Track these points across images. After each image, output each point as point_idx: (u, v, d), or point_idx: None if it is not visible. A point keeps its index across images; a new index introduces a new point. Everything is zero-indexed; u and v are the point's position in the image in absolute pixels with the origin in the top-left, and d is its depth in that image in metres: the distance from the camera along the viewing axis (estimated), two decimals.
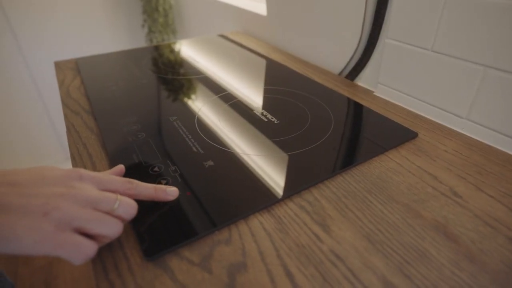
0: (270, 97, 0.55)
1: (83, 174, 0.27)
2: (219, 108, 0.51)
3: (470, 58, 0.41)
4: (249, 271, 0.27)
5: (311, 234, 0.30)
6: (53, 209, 0.23)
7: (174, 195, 0.33)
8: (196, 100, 0.54)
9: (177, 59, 0.72)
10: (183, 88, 0.58)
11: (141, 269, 0.27)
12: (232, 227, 0.31)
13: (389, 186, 0.36)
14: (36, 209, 0.23)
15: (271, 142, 0.43)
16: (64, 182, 0.26)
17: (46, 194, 0.24)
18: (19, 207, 0.23)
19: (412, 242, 0.29)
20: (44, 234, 0.22)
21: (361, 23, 0.56)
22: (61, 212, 0.23)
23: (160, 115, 0.49)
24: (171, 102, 0.53)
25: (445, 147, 0.42)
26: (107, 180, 0.28)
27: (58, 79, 0.63)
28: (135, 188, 0.30)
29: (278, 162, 0.39)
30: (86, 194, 0.25)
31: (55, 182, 0.25)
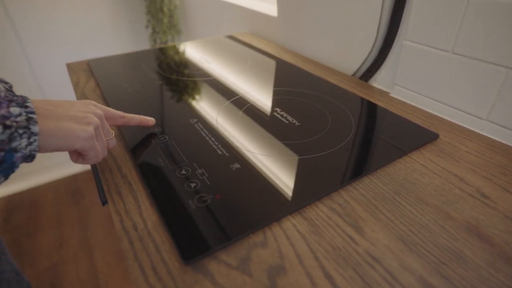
0: (287, 99, 0.55)
1: (95, 103, 0.37)
2: (239, 109, 0.51)
3: (492, 60, 0.41)
4: (288, 274, 0.27)
5: (345, 236, 0.31)
6: (91, 120, 0.34)
7: (154, 122, 0.45)
8: (215, 102, 0.54)
9: (190, 60, 0.72)
10: (199, 90, 0.58)
11: (181, 273, 0.27)
12: (266, 230, 0.31)
13: (416, 187, 0.36)
14: (82, 119, 0.33)
15: (296, 144, 0.43)
16: (86, 106, 0.35)
17: (82, 111, 0.34)
18: (71, 117, 0.32)
19: (446, 243, 0.30)
20: (90, 134, 0.33)
21: (376, 24, 0.57)
22: (95, 123, 0.34)
23: (180, 118, 0.49)
24: (189, 104, 0.53)
25: (467, 148, 0.43)
26: (109, 109, 0.39)
27: (72, 81, 0.63)
28: (127, 117, 0.41)
29: (305, 164, 0.39)
30: (100, 113, 0.36)
31: (82, 105, 0.35)
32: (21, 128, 0.27)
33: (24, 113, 0.28)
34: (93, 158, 0.34)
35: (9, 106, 0.27)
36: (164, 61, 0.71)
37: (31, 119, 0.28)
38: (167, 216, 0.32)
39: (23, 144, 0.27)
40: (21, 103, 0.28)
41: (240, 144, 0.43)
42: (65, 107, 0.32)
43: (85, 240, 1.40)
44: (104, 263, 1.31)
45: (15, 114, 0.27)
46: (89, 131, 0.32)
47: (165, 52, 0.77)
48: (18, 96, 0.29)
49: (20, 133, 0.27)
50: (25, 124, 0.27)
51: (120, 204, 0.34)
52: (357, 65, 0.64)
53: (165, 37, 1.42)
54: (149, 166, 0.39)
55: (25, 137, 0.27)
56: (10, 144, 0.26)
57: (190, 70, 0.67)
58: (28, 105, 0.29)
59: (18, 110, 0.27)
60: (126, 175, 0.39)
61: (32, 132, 0.28)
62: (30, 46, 1.38)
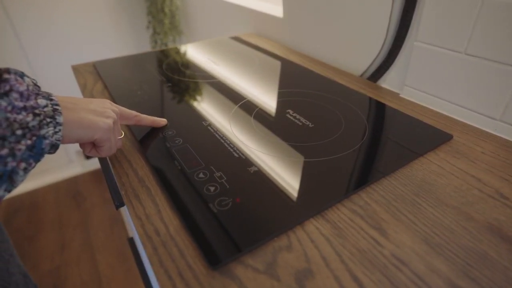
0: (298, 100, 0.55)
1: (111, 102, 0.39)
2: (252, 110, 0.51)
3: (506, 61, 0.41)
4: (316, 278, 0.27)
5: (369, 238, 0.30)
6: (110, 114, 0.36)
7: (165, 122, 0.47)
8: (226, 103, 0.54)
9: (197, 62, 0.72)
10: (209, 92, 0.58)
11: (208, 278, 0.27)
12: (290, 233, 0.31)
13: (435, 189, 0.36)
14: (101, 113, 0.35)
15: (312, 145, 0.43)
16: (104, 103, 0.37)
17: (101, 106, 0.36)
18: (92, 110, 0.34)
19: (470, 245, 0.30)
20: (109, 126, 0.35)
21: (386, 25, 0.57)
22: (113, 117, 0.37)
23: (193, 120, 0.49)
24: (200, 107, 0.53)
25: (482, 148, 0.43)
26: (123, 109, 0.41)
27: (79, 83, 0.63)
28: (139, 116, 0.43)
29: (323, 166, 0.39)
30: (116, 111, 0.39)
31: (100, 103, 0.37)
32: (48, 117, 0.29)
33: (50, 104, 0.30)
34: (107, 150, 0.37)
35: (37, 98, 0.29)
36: (170, 62, 0.71)
37: (56, 110, 0.30)
38: (189, 221, 0.32)
39: (50, 132, 0.29)
40: (46, 96, 0.30)
41: (256, 146, 0.43)
42: (85, 102, 0.35)
43: (87, 242, 1.39)
44: (107, 265, 1.30)
45: (42, 105, 0.29)
46: (109, 123, 0.35)
47: (170, 53, 0.77)
48: (43, 91, 0.31)
49: (48, 122, 0.29)
50: (51, 114, 0.29)
51: (140, 208, 0.34)
52: (365, 66, 0.64)
53: (166, 38, 1.41)
54: (166, 170, 0.38)
55: (51, 126, 0.29)
56: (40, 130, 0.28)
57: (198, 71, 0.67)
58: (53, 98, 0.31)
59: (45, 102, 0.29)
60: (143, 179, 0.38)
61: (57, 122, 0.30)
62: (31, 48, 1.37)
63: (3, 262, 0.50)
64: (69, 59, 1.47)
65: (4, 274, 0.50)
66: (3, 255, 0.50)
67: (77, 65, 0.71)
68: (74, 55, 1.47)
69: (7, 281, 0.51)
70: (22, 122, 0.27)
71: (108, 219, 1.50)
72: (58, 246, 1.37)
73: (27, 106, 0.28)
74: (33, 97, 0.29)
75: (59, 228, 1.46)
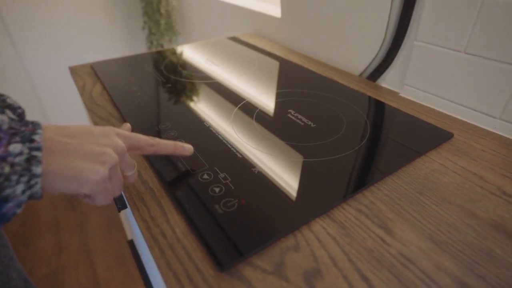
0: (299, 100, 0.55)
1: (119, 132, 0.32)
2: (253, 111, 0.51)
3: (507, 60, 0.42)
4: (325, 277, 0.27)
5: (376, 237, 0.31)
6: (108, 158, 0.28)
7: (191, 151, 0.38)
8: (228, 104, 0.54)
9: (196, 63, 0.72)
10: (210, 93, 0.58)
11: (217, 280, 0.27)
12: (296, 234, 0.31)
13: (438, 187, 0.37)
14: (97, 156, 0.28)
15: (315, 145, 0.43)
16: (107, 136, 0.30)
17: (101, 143, 0.29)
18: (85, 154, 0.27)
19: (475, 242, 0.30)
20: (102, 176, 0.28)
21: (385, 25, 0.57)
22: (112, 162, 0.29)
23: (194, 121, 0.49)
24: (201, 107, 0.53)
25: (482, 146, 0.43)
26: (135, 138, 0.33)
27: (78, 85, 0.62)
28: (158, 144, 0.34)
29: (327, 165, 0.39)
30: (121, 147, 0.30)
31: (102, 136, 0.30)
32: (15, 174, 0.23)
33: (26, 150, 0.24)
34: (101, 201, 0.29)
35: (9, 143, 0.23)
36: (169, 63, 0.71)
37: (34, 158, 0.24)
38: (196, 223, 0.32)
39: (19, 190, 0.23)
40: (27, 136, 0.24)
41: (259, 146, 0.43)
42: (82, 138, 0.28)
43: (84, 245, 1.38)
44: (105, 268, 1.29)
45: (14, 153, 0.23)
46: (102, 173, 0.27)
47: (169, 54, 0.76)
48: (28, 125, 0.25)
49: (16, 178, 0.23)
50: (24, 165, 0.23)
51: (145, 211, 0.34)
52: (364, 65, 0.65)
53: (162, 39, 1.41)
54: (170, 171, 0.38)
55: (23, 181, 0.23)
56: (2, 191, 0.22)
57: (197, 72, 0.67)
58: (36, 138, 0.24)
59: (19, 147, 0.23)
60: (147, 181, 0.38)
61: (33, 174, 0.24)
62: (25, 49, 1.35)
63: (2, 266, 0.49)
64: (63, 60, 1.45)
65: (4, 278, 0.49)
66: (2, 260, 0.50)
67: (75, 66, 0.70)
68: (69, 56, 1.46)
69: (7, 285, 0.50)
70: None
71: (106, 222, 1.49)
72: (55, 250, 1.36)
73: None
74: (4, 142, 0.23)
75: (55, 232, 1.44)
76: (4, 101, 0.25)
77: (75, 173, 0.26)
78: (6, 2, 1.26)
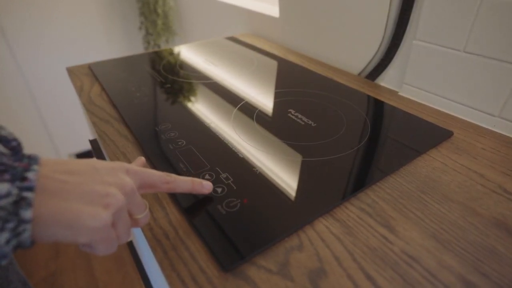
0: (299, 100, 0.55)
1: (128, 168, 0.27)
2: (253, 111, 0.51)
3: (506, 58, 0.42)
4: (330, 277, 0.27)
5: (379, 236, 0.31)
6: (112, 200, 0.24)
7: (209, 189, 0.33)
8: (227, 104, 0.54)
9: (195, 63, 0.72)
10: (209, 93, 0.58)
11: (222, 281, 0.27)
12: (300, 233, 0.31)
13: (439, 185, 0.37)
14: (100, 198, 0.23)
15: (316, 145, 0.43)
16: (114, 173, 0.26)
17: (106, 182, 0.25)
18: (85, 194, 0.23)
19: (478, 240, 0.30)
20: (104, 223, 0.23)
21: (384, 24, 0.57)
22: (117, 205, 0.24)
23: (194, 121, 0.49)
24: (200, 107, 0.53)
25: (482, 145, 0.44)
26: (148, 175, 0.29)
27: (76, 86, 0.62)
28: (174, 182, 0.30)
29: (329, 165, 0.39)
30: (130, 187, 0.26)
31: (108, 173, 0.25)
32: (6, 214, 0.19)
33: (15, 190, 0.20)
34: (103, 251, 0.25)
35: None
36: (168, 63, 0.70)
37: (23, 200, 0.20)
38: (199, 223, 0.31)
39: (2, 240, 0.19)
40: (18, 173, 0.21)
41: (260, 146, 0.43)
42: (83, 175, 0.24)
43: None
44: (103, 271, 1.28)
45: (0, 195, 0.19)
46: (103, 219, 0.23)
47: (167, 54, 0.76)
48: (23, 160, 0.22)
49: (1, 224, 0.19)
50: (10, 209, 0.20)
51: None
52: (363, 65, 0.65)
53: (159, 39, 1.40)
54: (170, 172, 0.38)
55: (8, 228, 0.19)
56: None
57: (196, 72, 0.66)
58: (29, 175, 0.21)
59: (7, 188, 0.20)
60: None
61: (22, 220, 0.20)
62: (20, 50, 1.34)
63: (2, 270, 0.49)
64: (59, 61, 1.44)
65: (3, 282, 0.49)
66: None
67: (72, 67, 0.69)
68: (65, 57, 1.45)
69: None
70: None
71: None
72: (53, 253, 1.35)
73: None
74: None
75: None
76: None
77: (70, 218, 0.22)
78: (1, 3, 1.25)
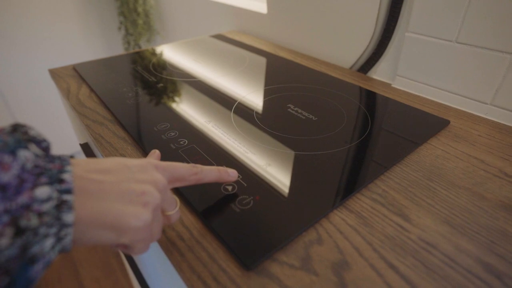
0: (296, 95, 0.55)
1: (157, 164, 0.27)
2: (252, 108, 0.50)
3: (497, 47, 0.44)
4: (353, 268, 0.27)
5: (394, 225, 0.31)
6: (150, 198, 0.23)
7: (235, 176, 0.33)
8: (226, 100, 0.53)
9: (185, 61, 0.70)
10: (206, 91, 0.57)
11: (245, 279, 0.26)
12: (317, 227, 0.31)
13: (445, 172, 0.38)
14: (138, 196, 0.23)
15: (318, 138, 0.43)
16: (146, 171, 0.25)
17: (140, 180, 0.24)
18: (123, 193, 0.22)
19: (488, 223, 0.31)
20: (145, 222, 0.23)
21: (375, 17, 0.58)
22: (154, 202, 0.24)
23: (192, 120, 0.47)
24: (197, 106, 0.51)
25: (478, 132, 0.45)
26: (175, 169, 0.28)
27: (61, 88, 0.59)
28: (201, 172, 0.29)
29: (335, 157, 0.39)
30: (163, 183, 0.25)
31: (139, 171, 0.25)
32: (44, 226, 0.18)
33: (55, 194, 0.19)
34: (140, 250, 0.24)
35: (35, 186, 0.18)
36: (157, 63, 0.68)
37: (64, 204, 0.19)
38: (213, 223, 0.31)
39: (47, 248, 0.18)
40: (54, 176, 0.19)
41: (264, 142, 0.42)
42: (117, 174, 0.23)
43: (68, 257, 1.31)
44: (92, 279, 1.24)
45: (41, 199, 0.18)
46: (145, 218, 0.22)
47: (154, 54, 0.74)
48: (55, 161, 0.20)
49: (44, 231, 0.18)
50: (54, 213, 0.18)
51: None
52: (355, 58, 0.65)
53: (140, 39, 1.36)
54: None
55: (51, 233, 0.18)
56: (22, 257, 0.17)
57: (189, 71, 0.65)
58: (65, 177, 0.20)
59: (47, 191, 0.18)
60: None
61: (64, 224, 0.19)
62: None
63: None
64: (33, 63, 1.37)
65: None
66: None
67: (55, 69, 0.66)
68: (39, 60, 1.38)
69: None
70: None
71: None
72: None
73: (12, 209, 0.17)
74: (28, 185, 0.18)
75: None
76: (26, 133, 0.20)
77: (114, 220, 0.21)
78: None
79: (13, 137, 0.19)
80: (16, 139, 0.19)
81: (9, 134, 0.19)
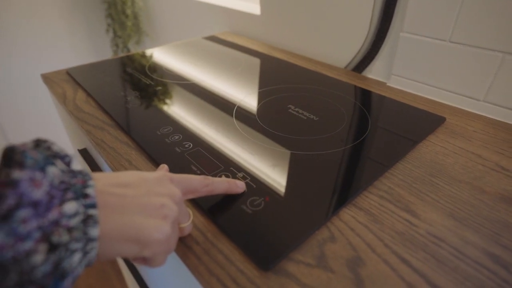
0: (295, 95, 0.56)
1: (172, 177, 0.27)
2: (253, 108, 0.51)
3: (489, 46, 0.46)
4: (367, 264, 0.28)
5: (403, 220, 0.32)
6: (169, 211, 0.24)
7: (243, 188, 0.34)
8: (226, 103, 0.53)
9: (181, 64, 0.70)
10: (205, 93, 0.57)
11: (264, 280, 0.27)
12: (329, 225, 0.31)
13: (445, 168, 0.39)
14: (157, 210, 0.23)
15: (322, 138, 0.44)
16: (162, 184, 0.26)
17: (158, 193, 0.24)
18: (144, 206, 0.23)
19: (490, 215, 0.32)
20: (166, 235, 0.23)
21: (369, 17, 0.59)
22: (173, 215, 0.24)
23: (195, 122, 0.47)
24: (199, 108, 0.51)
25: (473, 128, 0.47)
26: (189, 181, 0.29)
27: (56, 93, 0.58)
28: (212, 184, 0.31)
29: (339, 156, 0.40)
30: (178, 196, 0.26)
31: (157, 184, 0.25)
32: (74, 241, 0.18)
33: (82, 209, 0.19)
34: (159, 263, 0.25)
35: (62, 202, 0.18)
36: (153, 66, 0.68)
37: (90, 218, 0.19)
38: (226, 225, 0.31)
39: (75, 262, 0.18)
40: (79, 191, 0.20)
41: (268, 143, 0.42)
42: (136, 187, 0.23)
43: None
44: (86, 287, 1.22)
45: (69, 214, 0.18)
46: (166, 231, 0.23)
47: (148, 57, 0.73)
48: (77, 176, 0.20)
49: (73, 246, 0.18)
50: (81, 228, 0.19)
51: None
52: (349, 58, 0.67)
53: (128, 41, 1.35)
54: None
55: (79, 247, 0.18)
56: (55, 272, 0.17)
57: (187, 74, 0.65)
58: (89, 192, 0.20)
59: (75, 207, 0.19)
60: None
61: (89, 238, 0.19)
62: None
63: None
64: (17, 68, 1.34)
65: None
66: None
67: (49, 73, 0.65)
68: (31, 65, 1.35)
69: None
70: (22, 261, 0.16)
71: None
72: None
73: (44, 225, 0.17)
74: (57, 202, 0.18)
75: None
76: (49, 148, 0.20)
77: (137, 233, 0.21)
78: None
79: (41, 154, 0.19)
80: (44, 156, 0.19)
81: (34, 149, 0.19)
